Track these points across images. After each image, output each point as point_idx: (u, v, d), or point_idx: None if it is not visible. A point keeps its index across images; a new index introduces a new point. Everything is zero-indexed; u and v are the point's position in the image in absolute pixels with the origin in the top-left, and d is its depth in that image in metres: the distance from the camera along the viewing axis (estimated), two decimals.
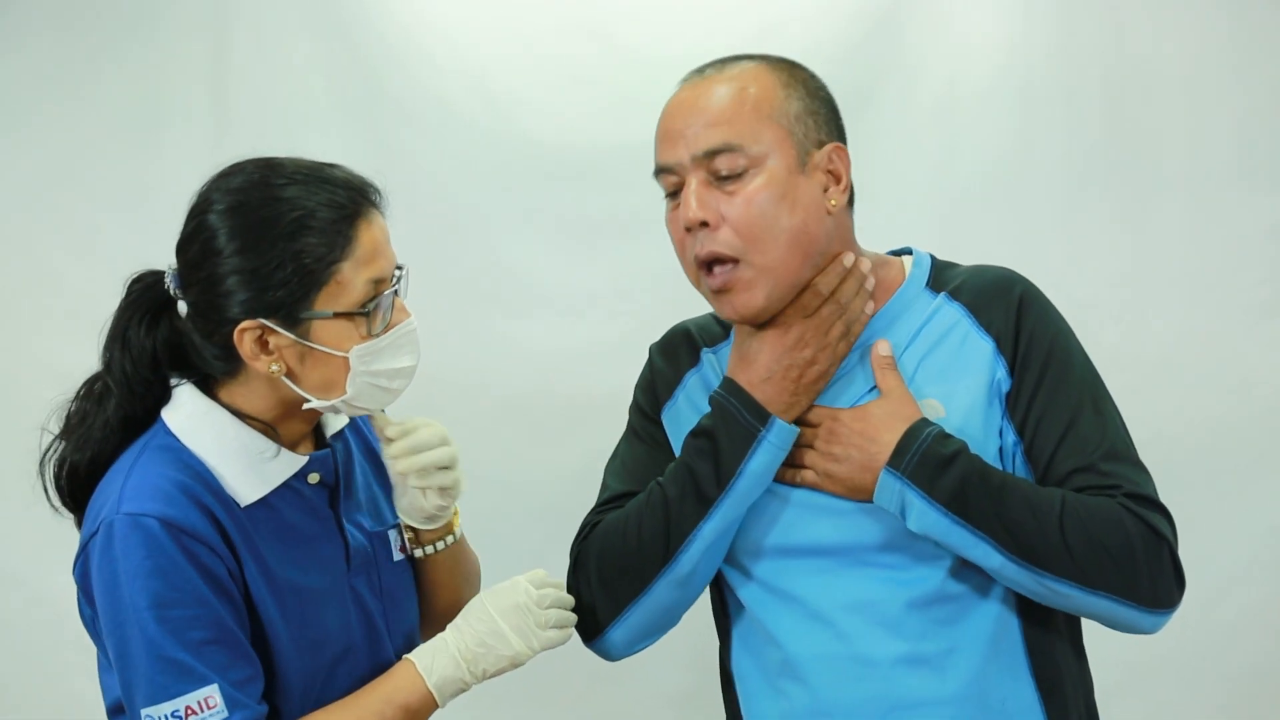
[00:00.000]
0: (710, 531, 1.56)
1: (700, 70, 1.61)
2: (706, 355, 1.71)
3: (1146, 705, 2.73)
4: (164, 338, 1.60)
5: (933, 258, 1.68)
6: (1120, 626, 1.53)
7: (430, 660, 1.58)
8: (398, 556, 1.72)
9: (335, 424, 1.70)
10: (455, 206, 2.84)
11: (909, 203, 2.77)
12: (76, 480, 1.61)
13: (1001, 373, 1.56)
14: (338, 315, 1.52)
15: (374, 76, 2.83)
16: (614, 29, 2.82)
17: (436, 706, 1.59)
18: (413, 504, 1.67)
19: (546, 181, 2.81)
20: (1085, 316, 2.79)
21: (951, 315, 1.60)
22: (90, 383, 1.64)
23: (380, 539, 1.70)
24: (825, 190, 1.57)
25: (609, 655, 1.66)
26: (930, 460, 1.49)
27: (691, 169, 1.54)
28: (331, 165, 1.59)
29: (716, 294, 1.56)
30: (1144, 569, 1.48)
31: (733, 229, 1.52)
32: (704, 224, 1.53)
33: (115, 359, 1.61)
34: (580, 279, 2.81)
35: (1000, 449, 1.55)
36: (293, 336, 1.51)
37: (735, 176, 1.52)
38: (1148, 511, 1.50)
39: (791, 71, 1.60)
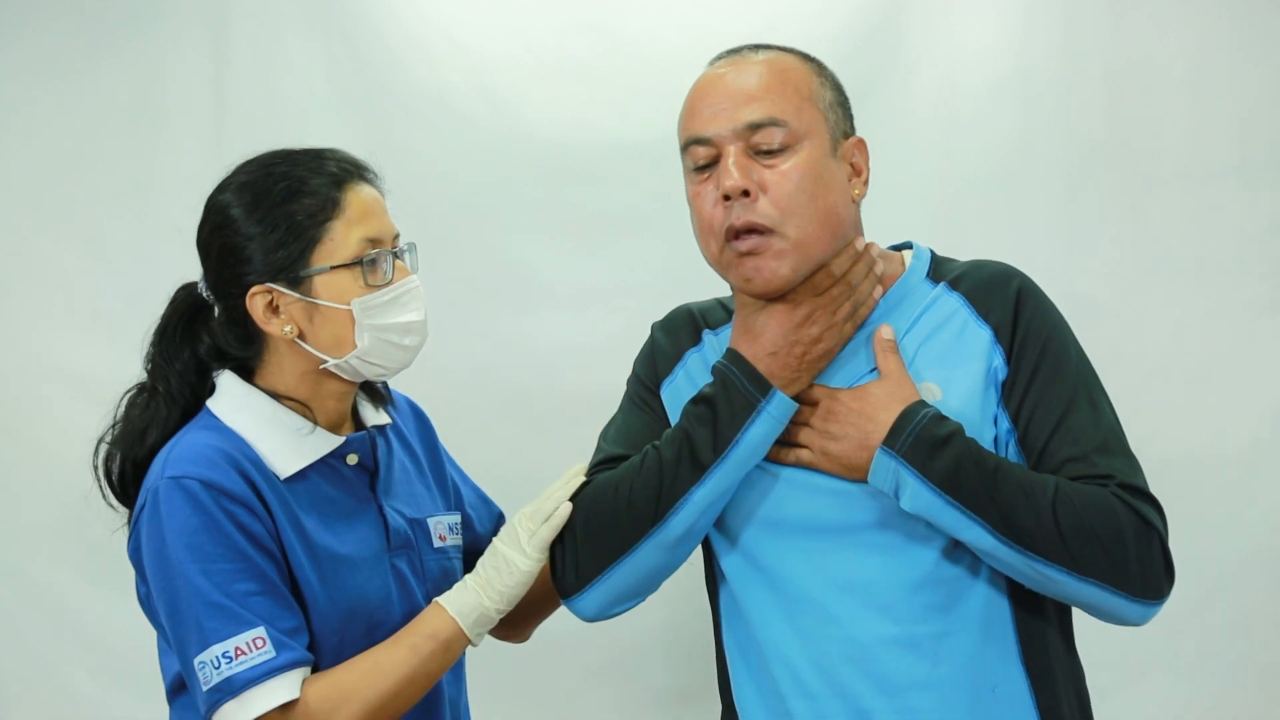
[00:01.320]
0: (702, 497, 1.57)
1: (735, 50, 1.65)
2: (708, 336, 1.73)
3: (1142, 703, 2.73)
4: (206, 341, 1.71)
5: (932, 252, 1.71)
6: (1108, 616, 1.54)
7: (452, 594, 1.67)
8: (438, 544, 1.79)
9: (374, 419, 1.78)
10: (455, 203, 2.84)
11: (908, 200, 2.77)
12: (135, 480, 1.70)
13: (998, 360, 1.58)
14: (335, 269, 1.63)
15: (374, 72, 2.83)
16: (615, 25, 2.82)
17: (464, 635, 1.66)
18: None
19: (547, 178, 2.81)
20: (1084, 312, 2.79)
21: (951, 304, 1.62)
22: (139, 389, 1.74)
23: (420, 526, 1.78)
24: (849, 180, 1.62)
25: (584, 614, 1.66)
26: (925, 440, 1.50)
27: (731, 140, 1.57)
28: (330, 149, 1.73)
29: (742, 257, 1.57)
30: (1134, 558, 1.50)
31: (771, 201, 1.55)
32: (744, 193, 1.55)
33: (158, 365, 1.73)
34: (581, 274, 2.81)
35: (995, 437, 1.57)
36: (296, 294, 1.64)
37: (774, 152, 1.55)
38: (1139, 502, 1.52)
39: (820, 65, 1.66)
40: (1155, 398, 2.74)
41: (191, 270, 1.73)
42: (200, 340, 1.71)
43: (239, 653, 1.54)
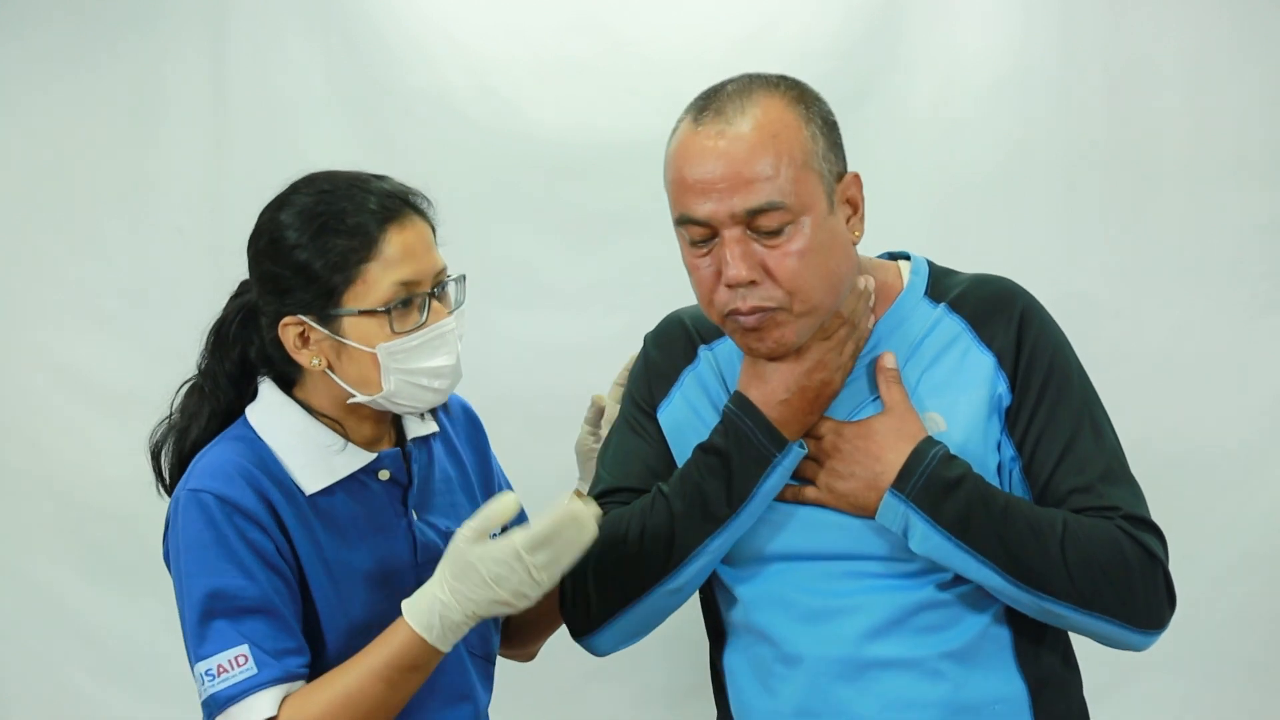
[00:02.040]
0: (716, 549, 1.57)
1: (717, 109, 1.52)
2: (704, 352, 1.70)
3: (1140, 700, 2.74)
4: (256, 344, 1.72)
5: (930, 264, 1.68)
6: (1111, 644, 1.55)
7: (414, 601, 1.58)
8: None
9: (419, 429, 1.77)
10: (454, 201, 2.80)
11: (906, 201, 2.77)
12: (175, 470, 1.74)
13: (1002, 388, 1.56)
14: (363, 313, 1.61)
15: (373, 71, 2.83)
16: (615, 25, 2.81)
17: (441, 654, 1.59)
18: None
19: (546, 176, 2.81)
20: (1083, 312, 2.81)
21: (953, 328, 1.60)
22: (189, 385, 1.77)
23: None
24: (848, 221, 1.57)
25: (596, 652, 1.67)
26: (935, 484, 1.49)
27: (729, 225, 1.50)
28: (380, 177, 1.71)
29: (749, 330, 1.53)
30: (1140, 591, 1.50)
31: (776, 283, 1.50)
32: (750, 281, 1.50)
33: (209, 364, 1.74)
34: (581, 273, 2.80)
35: (999, 464, 1.56)
36: (325, 331, 1.63)
37: (775, 232, 1.49)
38: (1143, 534, 1.52)
39: (806, 103, 1.55)
40: (1154, 396, 2.74)
41: (190, 269, 1.73)
42: (251, 342, 1.72)
43: (221, 670, 1.56)
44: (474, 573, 1.52)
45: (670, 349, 1.73)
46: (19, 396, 2.81)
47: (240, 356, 1.73)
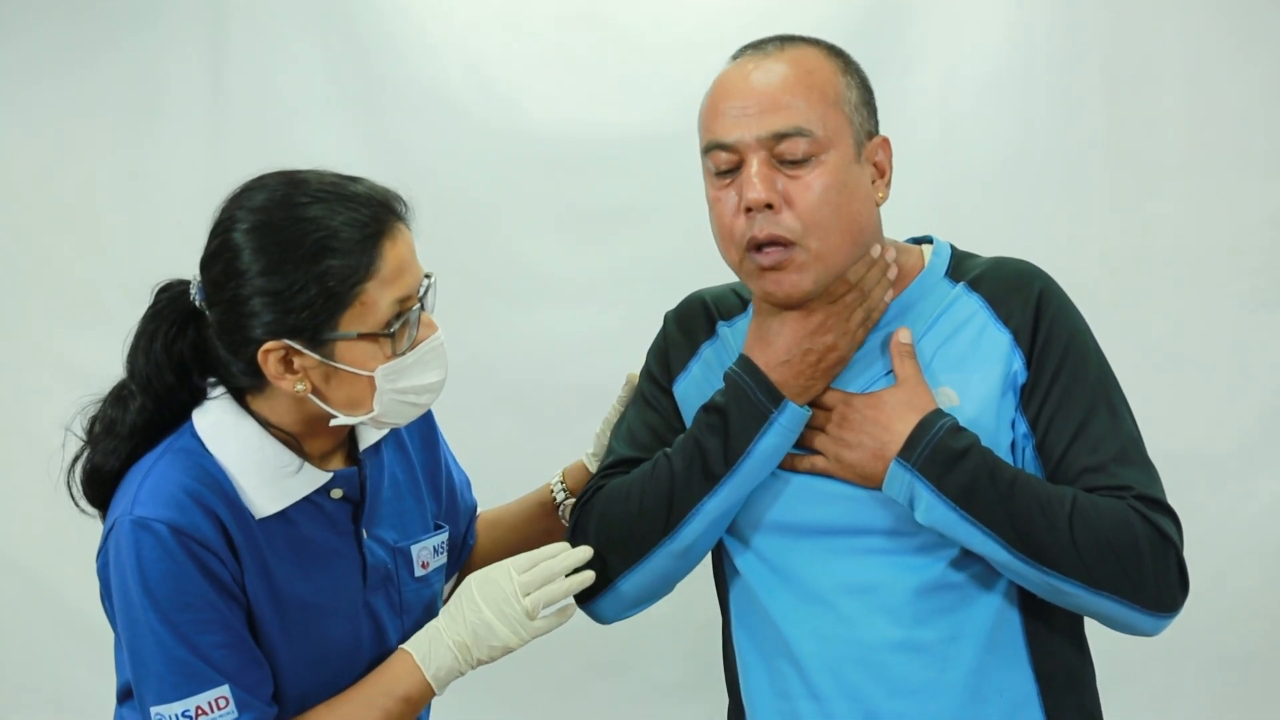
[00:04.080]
0: (713, 508, 1.57)
1: (758, 45, 1.58)
2: (723, 329, 1.71)
3: (1143, 692, 2.74)
4: (191, 346, 1.59)
5: (953, 247, 1.68)
6: (1121, 627, 1.53)
7: (427, 650, 1.58)
8: (420, 572, 1.72)
9: (371, 436, 1.69)
10: (454, 195, 2.84)
11: (908, 190, 2.74)
12: (102, 483, 1.61)
13: (1018, 364, 1.56)
14: (362, 336, 1.50)
15: (372, 65, 2.83)
16: (614, 15, 2.81)
17: (434, 695, 1.59)
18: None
19: (546, 169, 2.81)
20: (1083, 303, 2.80)
21: (970, 305, 1.60)
22: (116, 390, 1.64)
23: (403, 555, 1.70)
24: (873, 182, 1.58)
25: (601, 618, 1.66)
26: (941, 454, 1.49)
27: (754, 149, 1.51)
28: (354, 179, 1.56)
29: (765, 271, 1.53)
30: (1150, 572, 1.48)
31: (795, 213, 1.51)
32: (768, 205, 1.51)
33: (139, 367, 1.61)
34: (581, 267, 2.81)
35: (1012, 441, 1.55)
36: (318, 357, 1.51)
37: (799, 162, 1.51)
38: (1157, 515, 1.50)
39: (846, 60, 1.59)
40: (1152, 390, 2.74)
41: (191, 266, 1.67)
42: (186, 345, 1.59)
43: (200, 712, 1.48)
44: (470, 593, 1.56)
45: (690, 327, 1.72)
46: (18, 389, 2.81)
47: (175, 365, 1.59)
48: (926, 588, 1.53)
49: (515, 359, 2.81)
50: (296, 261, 1.48)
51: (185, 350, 1.59)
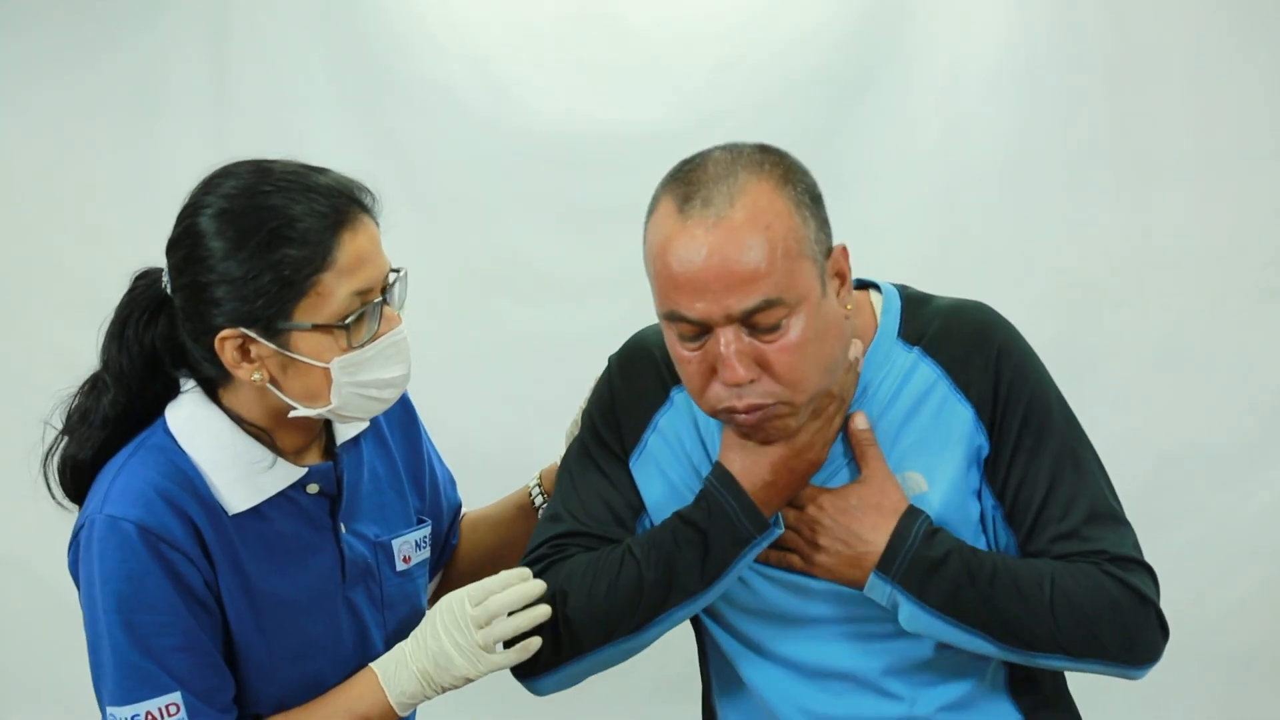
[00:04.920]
0: (681, 617, 1.54)
1: (705, 199, 1.43)
2: (677, 395, 1.62)
3: (1144, 690, 2.73)
4: (163, 335, 1.58)
5: (902, 295, 1.61)
6: (1109, 676, 1.54)
7: (393, 672, 1.56)
8: (402, 566, 1.70)
9: (349, 431, 1.66)
10: (457, 193, 2.84)
11: (911, 185, 2.77)
12: (78, 476, 1.60)
13: (981, 440, 1.52)
14: (317, 327, 1.48)
15: (375, 61, 2.83)
16: (617, 13, 2.81)
17: (397, 718, 1.58)
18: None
19: (549, 166, 2.81)
20: (1087, 300, 2.82)
21: (929, 376, 1.54)
22: (91, 380, 1.62)
23: (384, 549, 1.68)
24: (838, 294, 1.48)
25: (536, 693, 1.61)
26: (920, 565, 1.47)
27: (724, 324, 1.41)
28: (320, 170, 1.54)
29: (744, 426, 1.46)
30: (1134, 636, 1.49)
31: (775, 378, 1.42)
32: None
33: (113, 356, 1.59)
34: (584, 264, 2.81)
35: (981, 513, 1.53)
36: (273, 347, 1.48)
37: (773, 327, 1.41)
38: (1132, 576, 1.49)
39: (791, 181, 1.44)
40: (1156, 386, 2.74)
41: None
42: (158, 335, 1.57)
43: (150, 718, 1.47)
44: (433, 619, 1.54)
45: (639, 387, 1.64)
46: (21, 391, 2.81)
47: (148, 354, 1.57)
48: (914, 666, 1.54)
49: (517, 356, 2.81)
50: (253, 249, 1.46)
51: (157, 339, 1.58)
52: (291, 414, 1.53)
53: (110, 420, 1.58)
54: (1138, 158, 2.75)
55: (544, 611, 1.52)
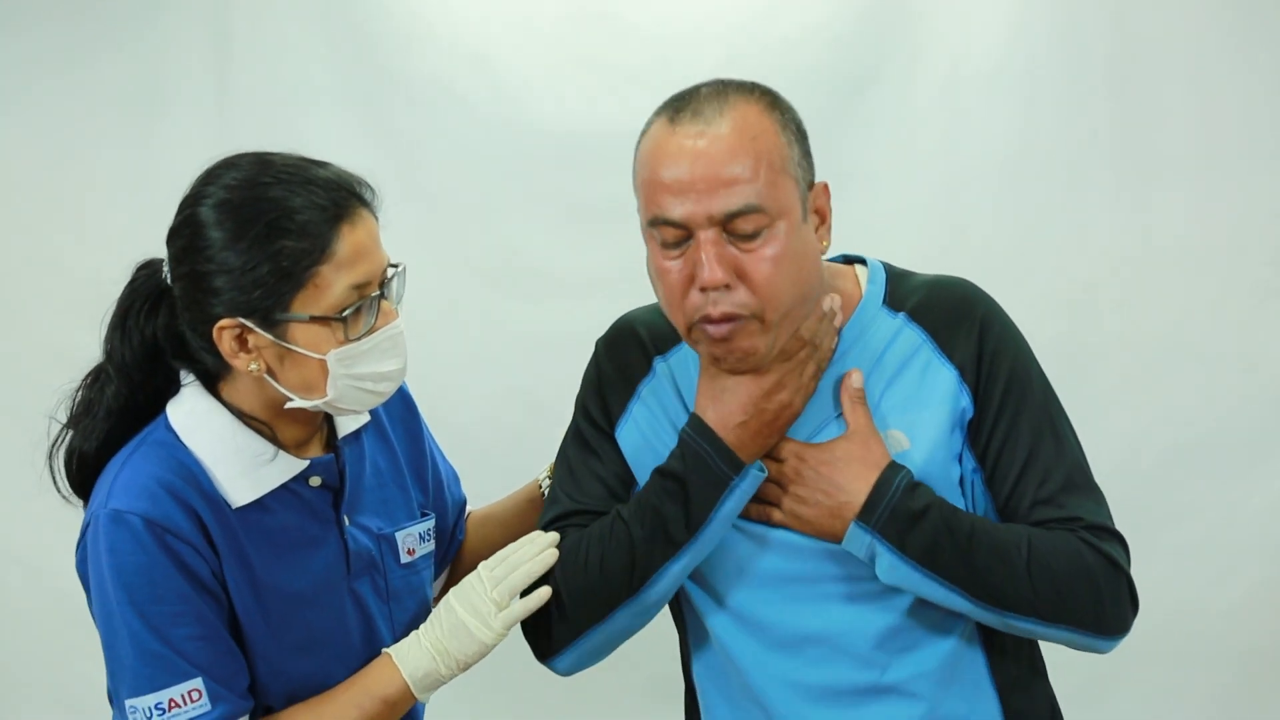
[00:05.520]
0: (678, 570, 1.55)
1: (695, 108, 1.47)
2: (659, 364, 1.66)
3: (1147, 687, 2.74)
4: (164, 325, 1.59)
5: (886, 269, 1.64)
6: (1077, 648, 1.55)
7: (406, 650, 1.59)
8: (406, 559, 1.71)
9: (350, 425, 1.68)
10: (457, 190, 2.84)
11: (912, 183, 2.77)
12: (84, 469, 1.61)
13: (965, 401, 1.55)
14: (314, 319, 1.49)
15: (376, 59, 2.83)
16: (619, 11, 2.81)
17: (414, 700, 1.60)
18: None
19: (548, 163, 2.82)
20: (1089, 298, 2.82)
21: (913, 340, 1.57)
22: (95, 372, 1.64)
23: (388, 542, 1.69)
24: (816, 230, 1.52)
25: (558, 672, 1.65)
26: (900, 516, 1.48)
27: (705, 226, 1.44)
28: (321, 163, 1.56)
29: (716, 340, 1.48)
30: (1106, 603, 1.51)
31: (750, 289, 1.45)
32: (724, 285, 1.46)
33: (115, 347, 1.61)
34: (585, 262, 2.81)
35: (961, 476, 1.55)
36: (270, 337, 1.50)
37: (751, 235, 1.44)
38: (1106, 544, 1.52)
39: (782, 108, 1.50)
40: (1156, 386, 2.74)
41: None
42: (159, 326, 1.59)
43: (173, 704, 1.48)
44: (448, 600, 1.58)
45: (624, 361, 1.67)
46: (22, 390, 2.81)
47: (150, 344, 1.59)
48: (888, 631, 1.54)
49: (520, 353, 2.81)
50: (252, 240, 1.48)
51: (158, 330, 1.59)
52: (288, 405, 1.55)
53: (114, 412, 1.60)
54: (1138, 158, 2.75)
55: (551, 556, 1.57)
